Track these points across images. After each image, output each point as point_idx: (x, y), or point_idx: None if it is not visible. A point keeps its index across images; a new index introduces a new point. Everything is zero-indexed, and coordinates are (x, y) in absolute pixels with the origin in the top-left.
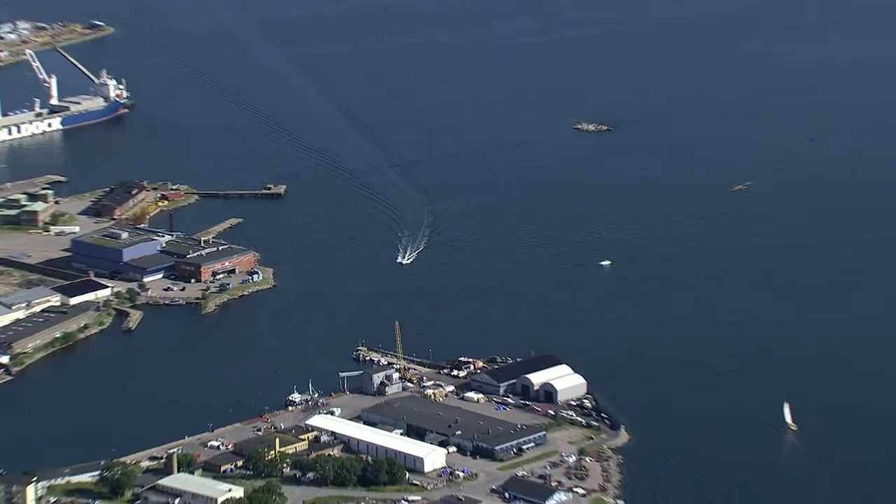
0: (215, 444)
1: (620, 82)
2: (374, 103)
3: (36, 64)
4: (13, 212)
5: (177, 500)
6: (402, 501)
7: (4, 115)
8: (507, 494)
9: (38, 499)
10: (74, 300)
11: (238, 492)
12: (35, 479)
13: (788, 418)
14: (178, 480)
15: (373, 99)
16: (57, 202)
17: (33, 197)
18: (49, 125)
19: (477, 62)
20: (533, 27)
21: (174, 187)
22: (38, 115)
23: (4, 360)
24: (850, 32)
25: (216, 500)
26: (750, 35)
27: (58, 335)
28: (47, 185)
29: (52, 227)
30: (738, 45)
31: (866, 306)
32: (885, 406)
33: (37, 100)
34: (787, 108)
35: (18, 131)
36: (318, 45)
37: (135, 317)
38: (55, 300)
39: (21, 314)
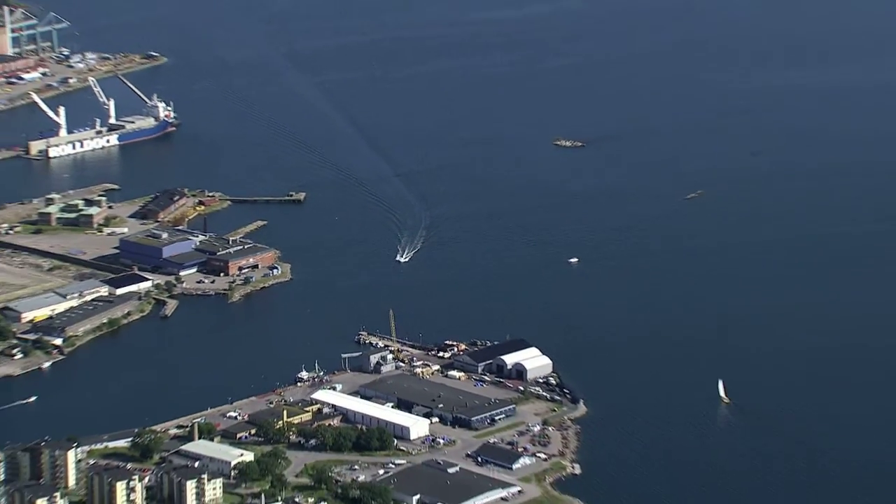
0: (233, 414)
1: (594, 105)
2: (384, 122)
3: (97, 89)
4: (73, 215)
5: (196, 463)
6: (390, 464)
7: (70, 132)
8: (479, 459)
9: (78, 461)
10: (120, 291)
11: (249, 456)
12: (76, 444)
13: (722, 392)
14: (198, 446)
15: (382, 118)
16: (110, 207)
17: (90, 202)
18: (107, 141)
19: (473, 87)
20: (522, 57)
21: (210, 194)
22: (99, 132)
23: (58, 341)
24: (790, 62)
25: (230, 463)
26: (707, 65)
27: (104, 321)
28: (103, 193)
29: (104, 229)
30: (697, 74)
31: (796, 295)
32: (805, 382)
33: (97, 120)
34: (735, 127)
35: (81, 146)
36: (338, 73)
37: (171, 305)
38: (104, 291)
39: (74, 302)
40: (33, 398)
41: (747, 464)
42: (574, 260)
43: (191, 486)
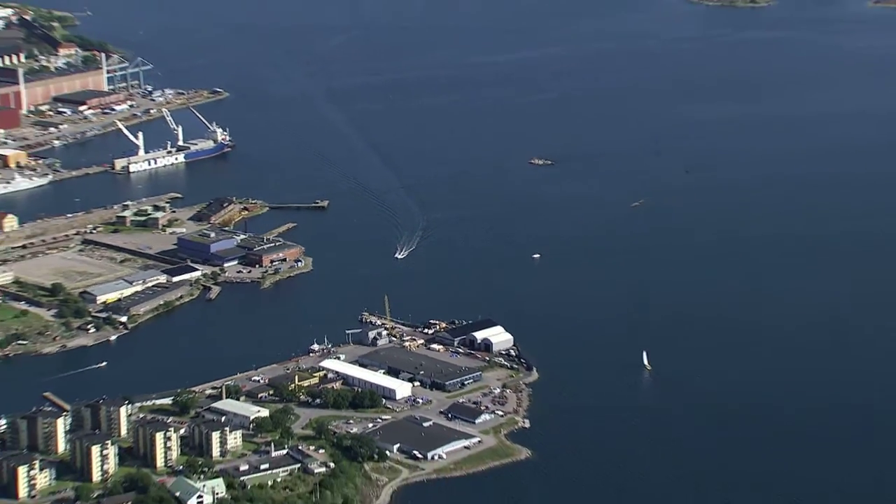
0: (257, 378)
1: (563, 131)
2: (395, 143)
3: (169, 118)
4: (143, 218)
5: (223, 418)
6: (378, 419)
7: (146, 152)
8: (449, 415)
9: (129, 415)
10: (175, 279)
11: (265, 412)
12: (128, 401)
13: (645, 360)
14: (225, 404)
15: (394, 140)
16: (173, 211)
17: (157, 208)
18: (175, 159)
19: (468, 116)
20: (510, 93)
21: (252, 201)
22: (169, 152)
23: (123, 319)
24: (722, 97)
25: (249, 417)
26: (656, 99)
27: (161, 302)
28: (168, 200)
29: (167, 229)
30: (647, 106)
31: (715, 285)
32: (708, 353)
33: (168, 142)
34: (673, 150)
35: (155, 163)
36: (362, 104)
37: (214, 291)
38: (162, 279)
39: (139, 287)
40: (104, 363)
41: (664, 416)
42: (537, 256)
43: (216, 436)
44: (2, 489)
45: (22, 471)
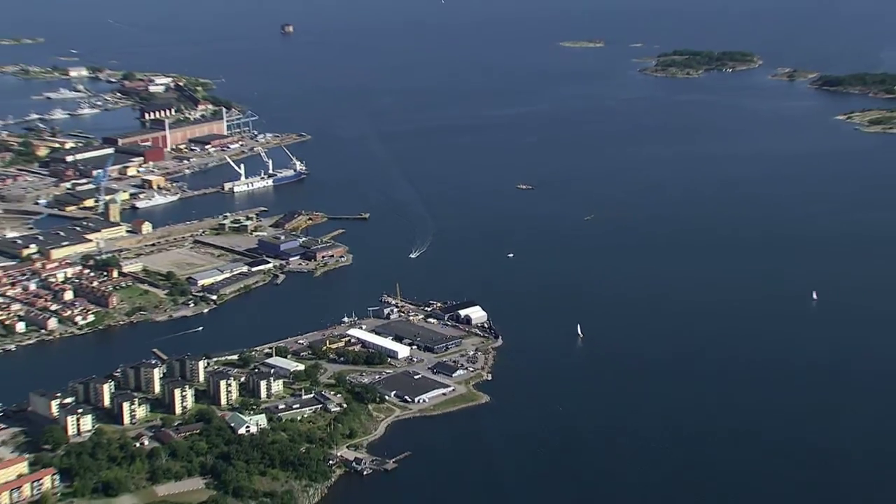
0: (301, 341)
1: (543, 164)
2: (421, 171)
3: (263, 153)
4: (237, 225)
5: (271, 370)
6: (383, 373)
7: (246, 177)
8: (434, 370)
9: (206, 367)
10: (254, 269)
11: (301, 367)
12: (205, 357)
13: (579, 330)
14: (275, 360)
15: (420, 169)
16: (259, 220)
17: (248, 218)
18: (266, 183)
19: (476, 152)
20: (506, 136)
21: (316, 213)
22: (262, 178)
23: (214, 297)
24: (660, 141)
25: (289, 370)
26: (613, 142)
27: (242, 286)
28: (257, 212)
29: (253, 233)
30: (606, 147)
31: (635, 275)
32: (635, 324)
33: (262, 170)
34: (621, 178)
35: (252, 186)
36: (403, 143)
37: (281, 278)
38: (244, 268)
39: (227, 275)
40: (200, 328)
41: (591, 370)
42: (511, 255)
43: (263, 383)
44: (112, 417)
45: (126, 405)
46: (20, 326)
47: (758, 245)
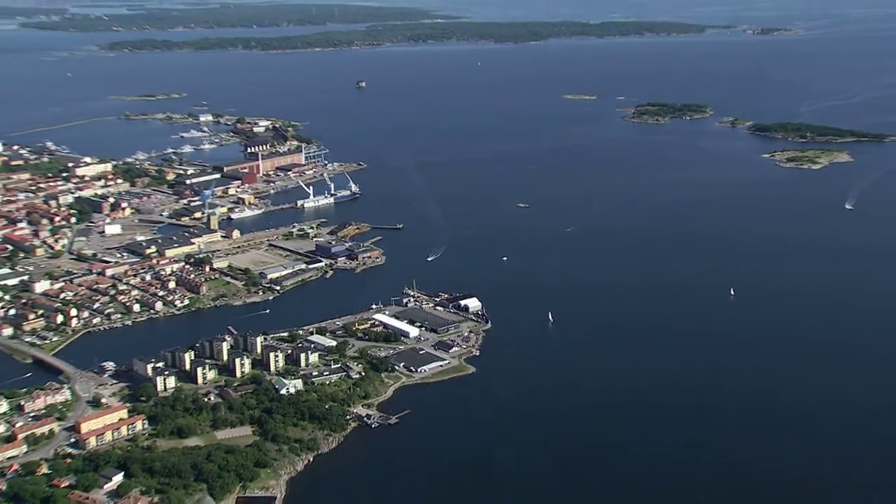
0: (338, 322)
1: (539, 187)
2: (445, 192)
3: (328, 178)
4: (301, 233)
5: (311, 345)
6: (397, 348)
7: (314, 196)
8: (436, 347)
9: (262, 342)
10: (310, 266)
11: (333, 343)
12: (262, 333)
13: (550, 317)
14: (314, 337)
15: (445, 190)
16: (319, 229)
17: (310, 227)
18: (329, 201)
19: (487, 178)
20: (513, 166)
21: (362, 224)
22: (326, 197)
23: (278, 287)
24: (635, 170)
25: (324, 345)
26: (594, 172)
27: (300, 279)
28: (319, 223)
29: (313, 239)
30: (590, 175)
31: (603, 272)
32: (598, 311)
33: (326, 191)
34: (605, 198)
35: (318, 203)
36: (437, 172)
37: (330, 274)
38: (303, 266)
39: (289, 270)
40: (267, 311)
41: (560, 348)
42: (505, 258)
43: (303, 356)
44: (190, 378)
45: (199, 370)
46: (136, 307)
47: (695, 249)
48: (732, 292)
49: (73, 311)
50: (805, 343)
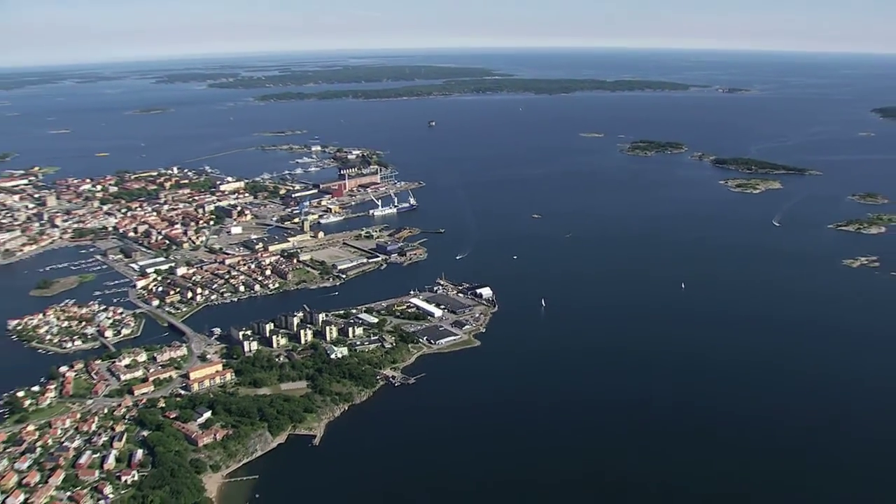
0: (383, 304)
1: (550, 201)
2: (480, 204)
3: (393, 194)
4: (368, 235)
5: (359, 321)
6: (423, 325)
7: (382, 208)
8: (453, 325)
9: (323, 318)
10: (370, 260)
11: (375, 320)
12: (323, 311)
13: (543, 303)
14: (363, 315)
15: (480, 203)
16: (381, 232)
17: (376, 230)
18: (393, 211)
19: (511, 194)
20: (531, 186)
21: (414, 228)
22: (391, 208)
23: (344, 276)
24: (630, 190)
25: (368, 321)
26: (597, 190)
27: (361, 270)
28: (382, 228)
29: (375, 239)
30: (593, 194)
31: (587, 269)
32: (585, 297)
33: (391, 203)
34: (593, 214)
35: (385, 213)
36: (476, 189)
37: (384, 266)
38: (364, 260)
39: (354, 263)
40: (336, 293)
41: (551, 328)
42: (515, 257)
43: (350, 329)
44: (268, 343)
45: (275, 338)
46: (241, 288)
47: (662, 248)
48: (683, 286)
49: (199, 290)
50: (735, 318)
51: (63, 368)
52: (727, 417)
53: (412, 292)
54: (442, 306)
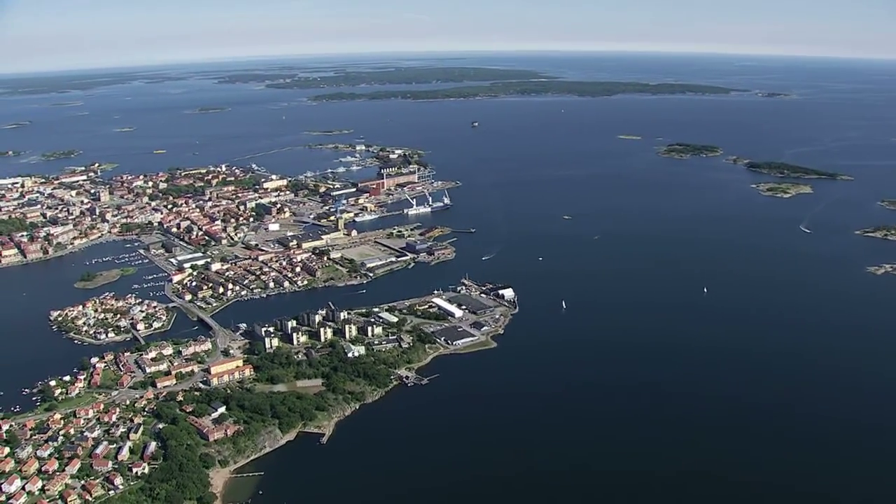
0: (405, 302)
1: (580, 203)
2: (511, 205)
3: (427, 192)
4: (399, 233)
5: (379, 320)
6: (443, 325)
7: (416, 206)
8: (472, 325)
9: (346, 315)
10: (399, 259)
11: (394, 319)
12: (345, 310)
13: (563, 304)
14: (384, 314)
15: (511, 204)
16: (412, 231)
17: (407, 229)
18: (427, 210)
19: (541, 195)
20: (562, 188)
21: (445, 227)
22: (425, 207)
23: (372, 274)
24: (660, 194)
25: (389, 321)
26: (626, 192)
27: (389, 269)
28: (413, 227)
29: (406, 238)
30: (622, 196)
31: (609, 272)
32: (600, 299)
33: (426, 202)
34: (632, 211)
35: (419, 211)
36: (509, 189)
37: (412, 265)
38: (393, 258)
39: (383, 261)
40: (363, 291)
41: (572, 328)
42: (541, 258)
43: (370, 328)
44: (289, 339)
45: (295, 335)
46: (271, 284)
47: (691, 248)
48: (706, 290)
49: (230, 286)
50: (758, 313)
51: (94, 359)
52: (764, 412)
53: (436, 292)
54: (463, 307)
